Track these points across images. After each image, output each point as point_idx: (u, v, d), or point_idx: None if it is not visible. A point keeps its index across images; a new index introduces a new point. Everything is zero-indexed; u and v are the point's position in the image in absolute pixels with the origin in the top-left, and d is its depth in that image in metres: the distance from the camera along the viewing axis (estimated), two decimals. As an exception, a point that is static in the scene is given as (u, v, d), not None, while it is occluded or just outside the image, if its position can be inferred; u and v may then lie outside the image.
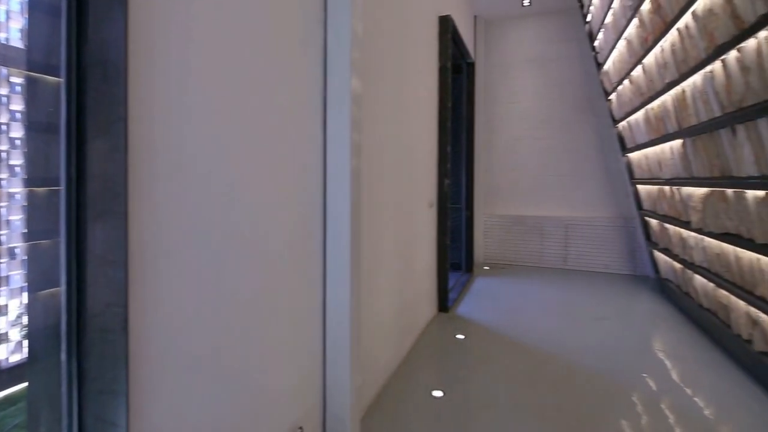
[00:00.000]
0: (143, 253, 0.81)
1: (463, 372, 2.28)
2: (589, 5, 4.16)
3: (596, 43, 4.21)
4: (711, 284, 2.65)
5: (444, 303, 3.26)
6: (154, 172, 0.84)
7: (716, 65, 2.07)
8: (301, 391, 1.42)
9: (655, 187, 3.45)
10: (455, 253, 4.44)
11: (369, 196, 1.87)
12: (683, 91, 2.50)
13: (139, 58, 0.80)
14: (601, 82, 4.30)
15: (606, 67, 4.02)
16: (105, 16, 0.75)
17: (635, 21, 3.01)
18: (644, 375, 2.22)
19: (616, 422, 1.79)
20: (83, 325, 0.73)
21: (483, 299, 3.65)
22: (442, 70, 3.23)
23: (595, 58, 4.32)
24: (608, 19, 3.64)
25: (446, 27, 3.20)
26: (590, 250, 4.68)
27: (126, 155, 0.76)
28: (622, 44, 3.43)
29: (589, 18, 4.29)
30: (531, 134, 4.99)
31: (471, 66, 4.51)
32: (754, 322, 2.15)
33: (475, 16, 4.94)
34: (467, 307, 3.43)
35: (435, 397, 1.99)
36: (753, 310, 2.14)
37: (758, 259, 2.02)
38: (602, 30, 3.90)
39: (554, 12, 4.82)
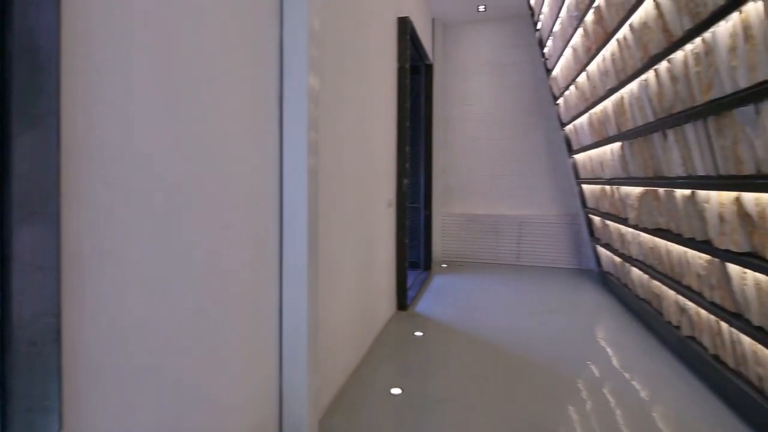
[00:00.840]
0: (79, 257, 0.76)
1: (421, 369, 2.32)
2: (540, 13, 4.37)
3: (546, 50, 4.43)
4: (646, 276, 2.88)
5: (403, 301, 3.30)
6: (91, 171, 0.78)
7: (650, 74, 2.24)
8: (257, 398, 1.39)
9: (598, 187, 3.69)
10: (414, 252, 4.51)
11: (327, 195, 1.85)
12: (622, 98, 2.70)
13: (75, 46, 0.74)
14: (550, 87, 4.54)
15: (554, 73, 4.24)
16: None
17: (580, 30, 3.20)
18: (588, 362, 2.38)
19: (564, 408, 1.91)
20: (8, 338, 0.66)
21: (441, 296, 3.74)
22: (400, 71, 3.26)
23: (545, 64, 4.54)
24: (556, 27, 3.84)
25: (405, 28, 3.24)
26: (540, 246, 4.92)
27: (58, 152, 0.71)
28: (568, 52, 3.63)
29: (539, 26, 4.51)
30: (487, 135, 5.17)
31: (429, 68, 4.58)
32: (682, 310, 2.36)
33: (434, 19, 5.03)
34: (426, 304, 3.49)
35: (393, 395, 2.01)
36: (681, 298, 2.35)
37: (685, 252, 2.22)
38: (551, 38, 4.11)
39: (508, 18, 5.01)
